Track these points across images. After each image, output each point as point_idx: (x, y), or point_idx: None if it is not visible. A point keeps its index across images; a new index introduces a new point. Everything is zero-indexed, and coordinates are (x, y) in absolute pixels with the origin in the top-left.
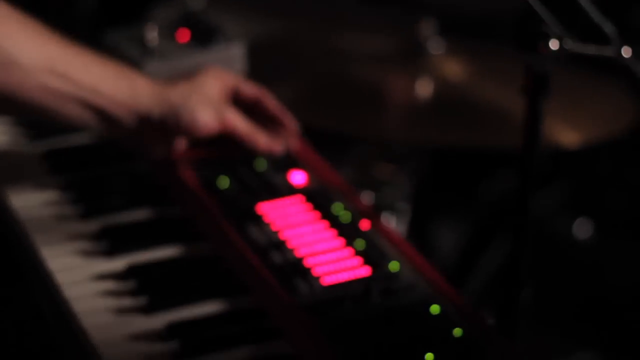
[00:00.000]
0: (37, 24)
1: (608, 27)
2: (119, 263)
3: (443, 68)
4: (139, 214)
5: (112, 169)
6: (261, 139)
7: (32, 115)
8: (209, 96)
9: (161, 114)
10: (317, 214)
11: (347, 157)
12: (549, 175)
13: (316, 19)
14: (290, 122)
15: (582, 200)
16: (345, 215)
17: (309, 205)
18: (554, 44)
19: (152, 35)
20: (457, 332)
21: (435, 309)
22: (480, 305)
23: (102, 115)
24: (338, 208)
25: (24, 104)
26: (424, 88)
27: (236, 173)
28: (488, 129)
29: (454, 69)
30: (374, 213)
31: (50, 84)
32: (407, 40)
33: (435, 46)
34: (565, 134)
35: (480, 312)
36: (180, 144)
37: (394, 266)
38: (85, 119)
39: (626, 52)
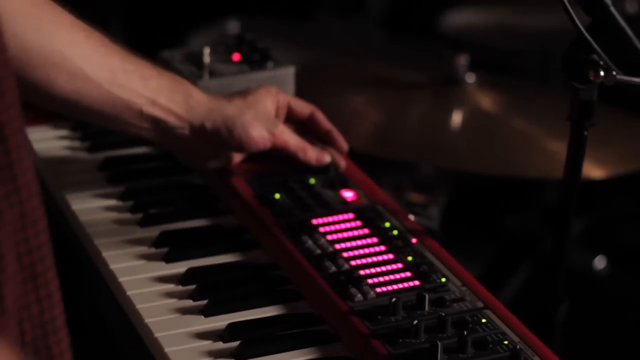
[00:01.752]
0: (100, 35)
1: None
2: (178, 268)
3: (475, 99)
4: (195, 223)
5: (169, 180)
6: (311, 154)
7: (92, 121)
8: (263, 112)
9: (214, 126)
10: (367, 230)
11: (380, 184)
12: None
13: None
14: (340, 140)
15: (598, 235)
16: (394, 232)
17: (359, 222)
18: (602, 73)
19: (207, 55)
20: (506, 342)
21: (484, 319)
22: None
23: (158, 125)
24: (387, 224)
25: (86, 110)
26: (457, 117)
27: (289, 188)
28: (515, 157)
29: (484, 100)
30: (420, 230)
31: (110, 93)
32: (443, 72)
33: (468, 79)
34: (590, 169)
35: (524, 324)
36: (234, 158)
37: (442, 279)
38: (141, 128)
39: None
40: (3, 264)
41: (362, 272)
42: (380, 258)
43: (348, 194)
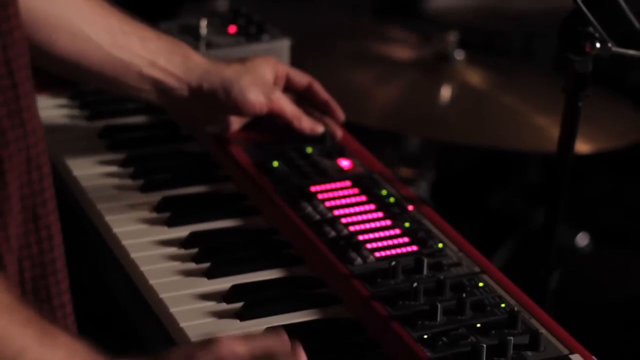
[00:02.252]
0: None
1: None
2: (180, 232)
3: (463, 75)
4: (195, 189)
5: (168, 148)
6: (306, 122)
7: (93, 82)
8: (261, 77)
9: (212, 88)
10: (365, 197)
11: None
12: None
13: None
14: (338, 110)
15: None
16: (391, 199)
17: (356, 190)
18: (598, 45)
19: (204, 27)
20: (503, 305)
21: (481, 283)
22: None
23: (157, 86)
24: (384, 192)
25: (86, 71)
26: (446, 92)
27: (287, 157)
28: (502, 131)
29: (473, 76)
30: (416, 198)
31: (110, 55)
32: (432, 50)
33: (457, 56)
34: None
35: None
36: (232, 124)
37: (439, 244)
38: (141, 90)
39: None
40: (10, 205)
41: (361, 238)
42: (378, 224)
43: (345, 163)
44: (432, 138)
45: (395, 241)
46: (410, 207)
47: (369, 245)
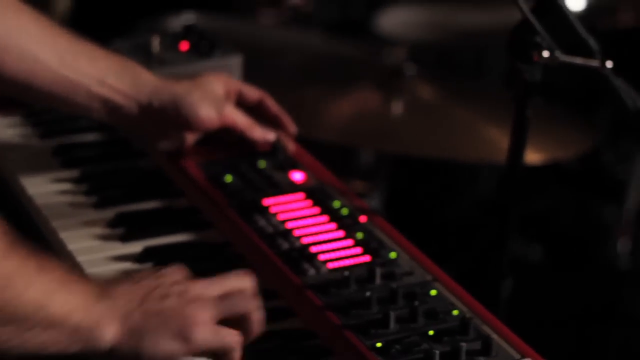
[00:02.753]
0: (48, 19)
1: (592, 42)
2: (134, 247)
3: (414, 89)
4: (149, 205)
5: (122, 164)
6: (258, 131)
7: (43, 102)
8: (211, 92)
9: (162, 105)
10: (318, 209)
11: None
12: None
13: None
14: (289, 124)
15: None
16: (343, 210)
17: (309, 202)
18: (546, 54)
19: (156, 44)
20: (455, 312)
21: (433, 291)
22: None
23: (107, 104)
24: (336, 203)
25: (36, 91)
26: (398, 105)
27: (240, 171)
28: (453, 142)
29: (424, 90)
30: (368, 209)
31: (59, 74)
32: (383, 65)
33: (408, 71)
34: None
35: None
36: (185, 140)
37: (392, 254)
38: (91, 108)
39: (608, 64)
40: None
41: (314, 249)
42: (331, 235)
43: (297, 176)
44: (384, 151)
45: (348, 252)
46: (363, 218)
47: (322, 257)
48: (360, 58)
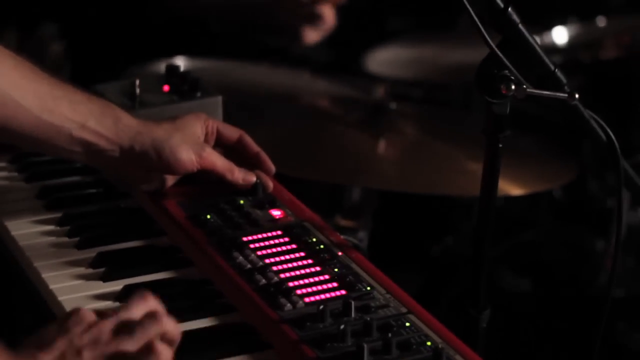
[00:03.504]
0: (28, 63)
1: (560, 75)
2: (115, 286)
3: (399, 126)
4: (130, 244)
5: (104, 205)
6: (238, 174)
7: (25, 146)
8: (191, 135)
9: (143, 149)
10: (295, 245)
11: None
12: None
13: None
14: (268, 162)
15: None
16: (320, 246)
17: (287, 238)
18: (513, 87)
19: (138, 87)
20: (428, 343)
21: (408, 323)
22: None
23: (89, 148)
24: (314, 239)
25: (17, 135)
26: (383, 142)
27: (220, 209)
28: (438, 177)
29: (408, 126)
30: (345, 243)
31: (40, 119)
32: (369, 102)
33: (392, 107)
34: (509, 188)
35: (447, 328)
36: (166, 181)
37: (367, 288)
38: (73, 152)
39: (575, 96)
40: None
41: (290, 284)
42: (307, 270)
43: (276, 213)
44: (369, 188)
45: (325, 286)
46: (340, 253)
47: (298, 291)
48: (348, 96)
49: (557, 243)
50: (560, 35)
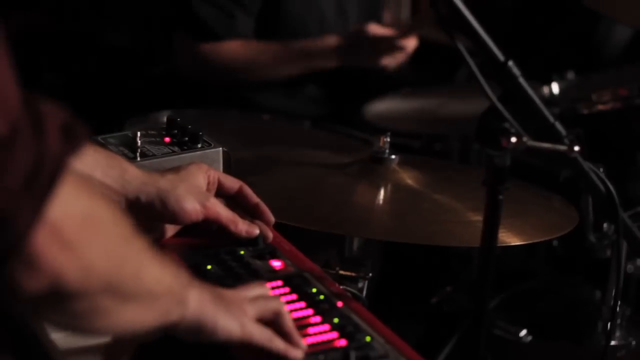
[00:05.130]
0: None
1: (560, 127)
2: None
3: (399, 177)
4: None
5: None
6: (242, 226)
7: None
8: (195, 185)
9: (148, 199)
10: (295, 295)
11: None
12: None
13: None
14: (267, 213)
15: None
16: (320, 296)
17: (287, 289)
18: (514, 140)
19: (139, 138)
20: None
21: None
22: None
23: None
24: (314, 290)
25: None
26: (382, 193)
27: (220, 260)
28: (439, 228)
29: (408, 178)
30: (345, 294)
31: None
32: (369, 154)
33: (392, 158)
34: (509, 238)
35: None
36: (167, 231)
37: (367, 338)
38: None
39: (575, 148)
40: None
41: None
42: (308, 321)
43: (276, 263)
44: (370, 238)
45: (325, 337)
46: (340, 304)
47: None
48: (348, 147)
49: (554, 293)
50: (558, 88)
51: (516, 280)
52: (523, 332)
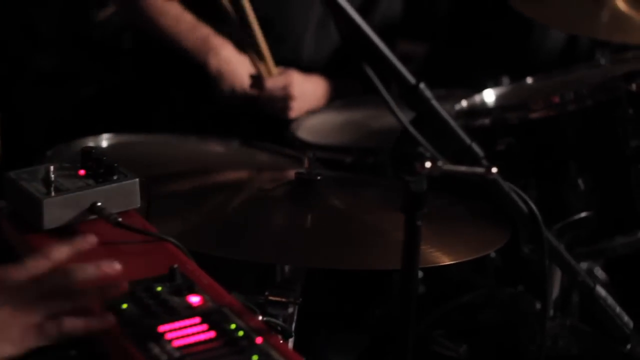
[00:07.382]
0: None
1: (477, 149)
2: None
3: (326, 198)
4: None
5: None
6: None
7: None
8: None
9: None
10: (214, 333)
11: (239, 287)
12: None
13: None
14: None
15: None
16: (239, 333)
17: (206, 326)
18: (428, 164)
19: (52, 172)
20: None
21: None
22: None
23: None
24: (233, 326)
25: None
26: (309, 216)
27: (136, 297)
28: (366, 251)
29: (335, 198)
30: (265, 329)
31: None
32: (295, 174)
33: (319, 178)
34: (440, 258)
35: None
36: None
37: None
38: None
39: (493, 170)
40: None
41: None
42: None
43: (194, 299)
44: (299, 264)
45: None
46: (259, 340)
47: None
48: (276, 166)
49: (494, 306)
50: (489, 96)
51: (455, 294)
52: (463, 348)
